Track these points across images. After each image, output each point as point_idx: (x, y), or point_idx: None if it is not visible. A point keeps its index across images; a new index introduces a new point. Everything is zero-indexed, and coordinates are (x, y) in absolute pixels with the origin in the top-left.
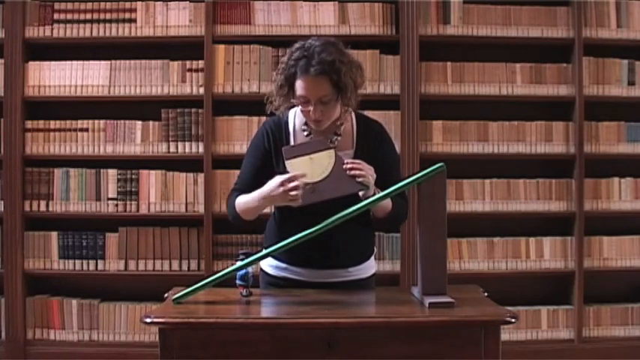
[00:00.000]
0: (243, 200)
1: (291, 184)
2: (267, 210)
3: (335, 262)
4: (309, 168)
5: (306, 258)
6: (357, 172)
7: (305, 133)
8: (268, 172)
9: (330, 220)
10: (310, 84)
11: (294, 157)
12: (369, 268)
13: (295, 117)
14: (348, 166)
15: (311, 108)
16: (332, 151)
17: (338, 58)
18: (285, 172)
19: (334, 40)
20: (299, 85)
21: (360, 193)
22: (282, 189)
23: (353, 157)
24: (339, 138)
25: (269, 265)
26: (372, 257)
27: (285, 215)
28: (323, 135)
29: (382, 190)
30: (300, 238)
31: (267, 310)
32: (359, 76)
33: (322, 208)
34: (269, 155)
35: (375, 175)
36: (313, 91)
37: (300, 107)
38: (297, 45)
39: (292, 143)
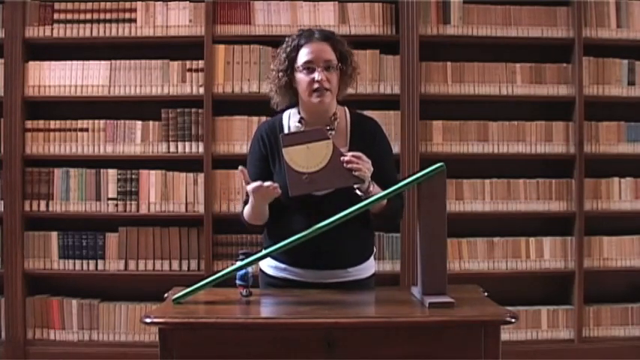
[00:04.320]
0: (246, 211)
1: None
2: None
3: (334, 262)
4: (305, 157)
5: (306, 258)
6: (355, 165)
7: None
8: (272, 177)
9: (329, 220)
10: (315, 47)
11: (291, 145)
12: (369, 268)
13: (290, 118)
14: (346, 159)
15: (316, 74)
16: (330, 142)
17: (337, 34)
18: (281, 170)
19: None
20: (303, 52)
21: (355, 186)
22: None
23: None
24: (333, 133)
25: (268, 266)
26: (372, 257)
27: (285, 215)
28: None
29: (377, 184)
30: (299, 238)
31: (267, 310)
32: (355, 62)
33: (321, 208)
34: (267, 160)
35: (372, 169)
36: (319, 53)
37: (301, 76)
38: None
39: None
